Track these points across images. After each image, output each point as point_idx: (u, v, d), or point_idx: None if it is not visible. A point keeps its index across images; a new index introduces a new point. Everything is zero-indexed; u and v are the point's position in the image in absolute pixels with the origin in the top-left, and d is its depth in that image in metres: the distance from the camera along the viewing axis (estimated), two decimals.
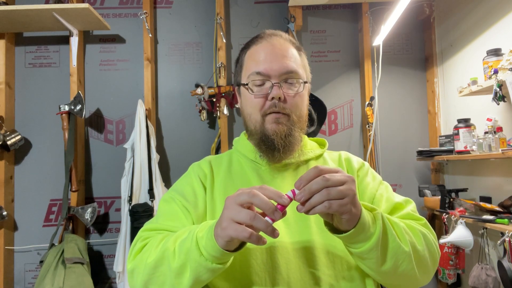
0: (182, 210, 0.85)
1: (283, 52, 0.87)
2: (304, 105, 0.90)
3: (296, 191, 0.63)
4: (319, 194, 0.61)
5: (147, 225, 0.85)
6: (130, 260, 0.78)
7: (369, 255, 0.70)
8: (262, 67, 0.85)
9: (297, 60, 0.89)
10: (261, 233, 0.62)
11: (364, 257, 0.71)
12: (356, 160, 0.96)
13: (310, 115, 1.50)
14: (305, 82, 0.89)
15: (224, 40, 2.56)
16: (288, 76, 0.85)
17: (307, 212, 0.63)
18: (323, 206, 0.61)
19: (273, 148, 0.84)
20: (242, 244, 0.68)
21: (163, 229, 0.82)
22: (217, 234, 0.63)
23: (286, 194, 0.63)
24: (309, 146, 0.95)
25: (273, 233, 0.61)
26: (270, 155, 0.86)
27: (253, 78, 0.86)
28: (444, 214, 2.20)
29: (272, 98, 0.84)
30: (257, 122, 0.87)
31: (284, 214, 0.63)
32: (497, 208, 1.87)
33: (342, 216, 0.64)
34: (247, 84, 0.87)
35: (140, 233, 0.83)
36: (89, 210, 2.30)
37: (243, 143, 0.95)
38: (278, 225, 0.79)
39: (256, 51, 0.89)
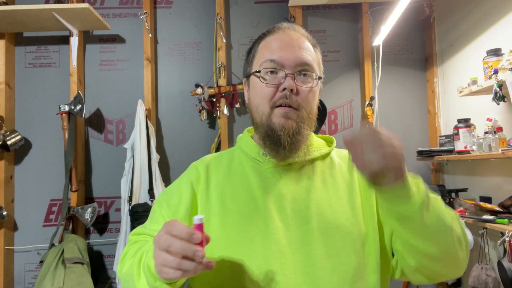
0: (163, 215, 0.84)
1: (300, 44, 0.84)
2: (315, 102, 0.85)
3: None
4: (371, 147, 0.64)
5: (137, 229, 0.86)
6: (119, 262, 0.81)
7: (415, 213, 0.68)
8: (276, 55, 0.82)
9: (312, 54, 0.85)
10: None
11: (409, 215, 0.69)
12: None
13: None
14: (319, 78, 0.85)
15: (224, 40, 2.56)
16: (302, 68, 0.82)
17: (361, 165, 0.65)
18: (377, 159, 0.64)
19: (279, 144, 0.79)
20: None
21: (147, 234, 0.83)
22: (157, 271, 0.64)
23: (194, 224, 0.63)
24: (315, 145, 0.90)
25: (208, 265, 0.61)
26: (274, 152, 0.81)
27: (266, 66, 0.82)
28: None
29: (284, 89, 0.80)
30: (264, 114, 0.82)
31: (207, 241, 0.63)
32: (497, 208, 1.87)
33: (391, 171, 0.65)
34: (259, 72, 0.83)
35: (129, 236, 0.85)
36: (89, 210, 2.30)
37: (245, 140, 0.91)
38: (277, 228, 0.76)
39: (271, 40, 0.86)
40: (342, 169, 0.88)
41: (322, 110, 1.69)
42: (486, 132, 1.87)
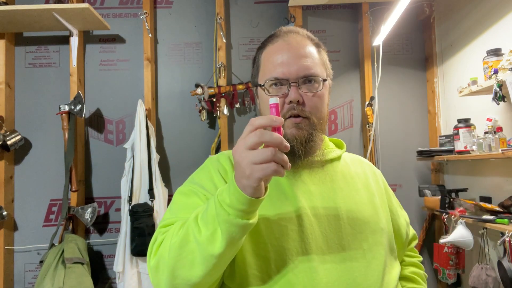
0: (200, 198, 0.79)
1: (300, 51, 0.83)
2: (324, 105, 0.86)
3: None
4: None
5: (166, 220, 0.78)
6: (152, 256, 0.72)
7: None
8: (279, 71, 0.82)
9: (315, 58, 0.85)
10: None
11: None
12: (377, 171, 0.99)
13: None
14: (325, 80, 0.85)
15: (224, 40, 2.56)
16: (306, 77, 0.82)
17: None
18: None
19: (293, 154, 0.81)
20: (266, 188, 0.66)
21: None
22: (244, 185, 0.61)
23: (270, 107, 0.63)
24: (330, 146, 0.94)
25: (287, 164, 0.60)
26: (291, 161, 0.79)
27: (270, 83, 0.83)
28: (444, 214, 2.20)
29: (290, 101, 0.80)
30: None
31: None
32: (497, 208, 1.87)
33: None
34: (263, 85, 0.84)
35: (159, 229, 0.77)
36: (89, 210, 2.30)
37: None
38: (311, 223, 0.79)
39: (272, 51, 0.85)
40: (357, 170, 0.92)
41: None
42: (486, 132, 1.87)
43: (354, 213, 0.82)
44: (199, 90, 2.45)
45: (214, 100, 2.50)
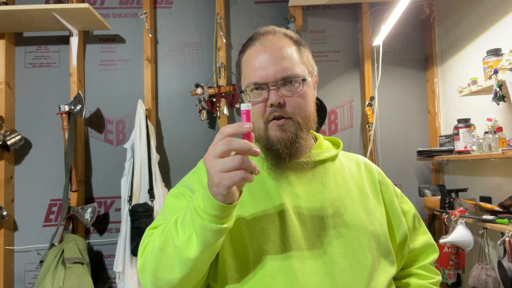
0: (187, 200, 0.82)
1: (276, 54, 0.81)
2: (309, 103, 0.84)
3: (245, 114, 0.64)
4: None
5: (155, 222, 0.82)
6: (139, 257, 0.75)
7: None
8: (258, 75, 0.81)
9: (293, 57, 0.83)
10: None
11: None
12: (376, 170, 0.95)
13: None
14: (304, 80, 0.82)
15: (224, 40, 2.56)
16: (284, 79, 0.81)
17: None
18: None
19: (279, 157, 0.80)
20: (241, 193, 0.67)
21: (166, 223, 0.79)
22: (215, 192, 0.62)
23: (242, 114, 0.64)
24: (324, 146, 0.91)
25: (256, 169, 0.61)
26: (277, 163, 0.82)
27: (251, 88, 0.83)
28: (444, 214, 2.20)
29: (271, 104, 0.80)
30: (261, 130, 0.82)
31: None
32: (497, 208, 1.87)
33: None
34: (245, 91, 0.84)
35: (147, 230, 0.80)
36: (89, 210, 2.30)
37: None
38: (294, 226, 0.77)
39: (250, 55, 0.84)
40: (352, 171, 0.90)
41: (322, 110, 1.68)
42: (486, 132, 1.87)
43: (340, 216, 0.80)
44: (199, 90, 2.45)
45: (214, 100, 2.50)
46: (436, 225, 2.57)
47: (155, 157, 2.35)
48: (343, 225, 0.79)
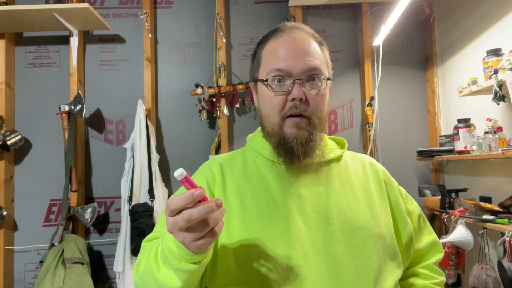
0: None
1: (306, 48, 0.80)
2: (325, 105, 0.84)
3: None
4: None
5: (152, 234, 0.83)
6: (134, 272, 0.78)
7: None
8: (283, 63, 0.79)
9: (320, 56, 0.82)
10: None
11: None
12: (381, 170, 0.93)
13: None
14: (328, 79, 0.82)
15: (224, 40, 2.56)
16: (310, 74, 0.79)
17: None
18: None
19: (293, 154, 0.79)
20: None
21: (158, 237, 0.80)
22: (186, 247, 0.62)
23: (182, 183, 0.59)
24: (329, 146, 0.89)
25: (221, 225, 0.60)
26: (289, 160, 0.80)
27: (273, 75, 0.80)
28: (444, 214, 2.20)
29: (293, 99, 0.78)
30: (276, 125, 0.80)
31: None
32: (497, 208, 1.87)
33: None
34: (266, 80, 0.81)
35: (143, 243, 0.81)
36: (89, 210, 2.30)
37: (258, 140, 0.88)
38: (299, 229, 0.76)
39: (276, 46, 0.82)
40: (357, 171, 0.88)
41: None
42: (486, 132, 1.87)
43: (346, 218, 0.78)
44: (199, 90, 2.45)
45: (214, 100, 2.50)
46: (436, 225, 2.57)
47: (155, 157, 2.35)
48: (348, 227, 0.78)
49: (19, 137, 2.39)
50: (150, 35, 2.54)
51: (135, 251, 2.19)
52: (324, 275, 0.73)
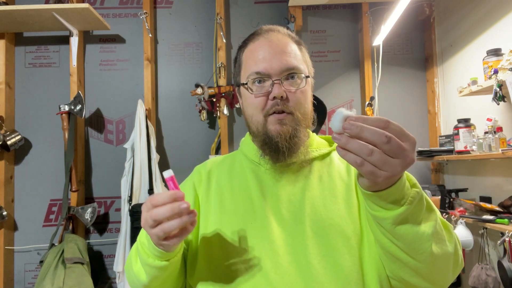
0: None
1: (282, 48, 0.82)
2: (308, 101, 0.85)
3: None
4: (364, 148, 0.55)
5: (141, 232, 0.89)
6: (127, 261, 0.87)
7: (406, 217, 0.62)
8: (261, 66, 0.81)
9: (297, 55, 0.84)
10: None
11: (399, 220, 0.62)
12: None
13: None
14: (307, 77, 0.84)
15: (224, 40, 2.56)
16: (289, 73, 0.81)
17: (343, 156, 0.58)
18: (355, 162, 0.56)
19: (278, 151, 0.80)
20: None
21: None
22: (157, 245, 0.69)
23: (167, 181, 0.68)
24: (315, 145, 0.89)
25: (193, 218, 0.65)
26: (274, 158, 0.82)
27: (253, 78, 0.82)
28: (444, 214, 2.20)
29: (274, 97, 0.79)
30: (260, 124, 0.82)
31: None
32: (497, 208, 1.87)
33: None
34: (246, 84, 0.84)
35: (138, 237, 0.87)
36: (89, 210, 2.30)
37: (246, 143, 0.92)
38: (273, 229, 0.77)
39: (254, 49, 0.85)
40: (341, 168, 0.87)
41: (322, 110, 1.68)
42: (486, 132, 1.87)
43: (319, 216, 0.77)
44: (199, 90, 2.45)
45: (214, 100, 2.50)
46: None
47: (155, 157, 2.35)
48: (320, 225, 0.77)
49: (19, 137, 2.39)
50: (150, 35, 2.54)
51: None
52: (293, 274, 0.73)
